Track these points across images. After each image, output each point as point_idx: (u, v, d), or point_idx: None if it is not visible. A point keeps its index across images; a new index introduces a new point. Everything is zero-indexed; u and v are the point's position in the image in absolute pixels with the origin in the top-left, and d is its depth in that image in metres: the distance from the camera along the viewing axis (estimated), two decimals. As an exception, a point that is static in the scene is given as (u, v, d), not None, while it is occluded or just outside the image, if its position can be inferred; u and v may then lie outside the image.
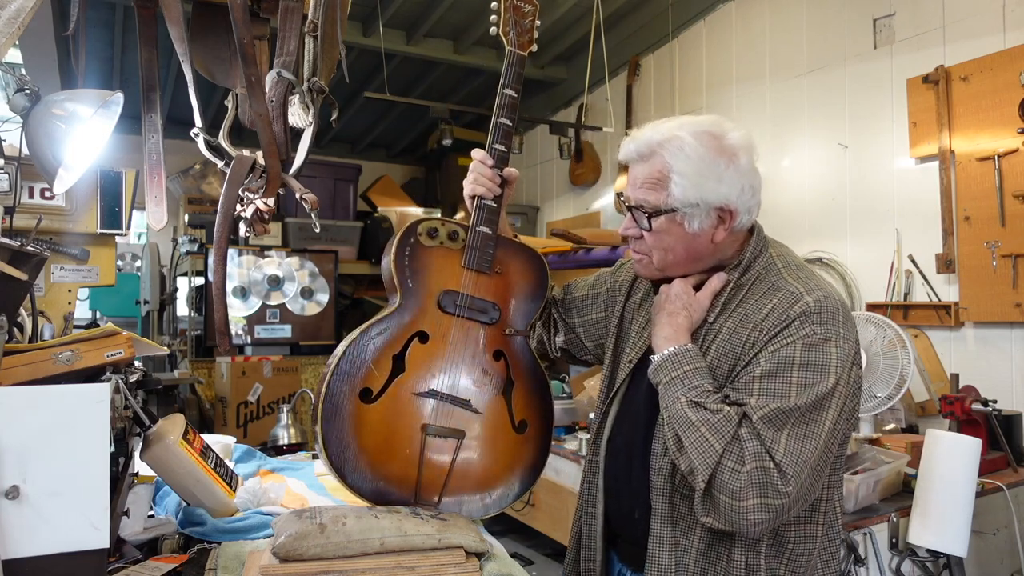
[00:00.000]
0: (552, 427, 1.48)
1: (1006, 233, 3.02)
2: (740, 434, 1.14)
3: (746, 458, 1.12)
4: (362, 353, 1.32)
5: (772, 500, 1.11)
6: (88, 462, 1.01)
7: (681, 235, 1.27)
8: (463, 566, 1.18)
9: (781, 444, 1.13)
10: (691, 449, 1.16)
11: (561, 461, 3.34)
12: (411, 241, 1.39)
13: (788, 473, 1.11)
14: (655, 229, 1.28)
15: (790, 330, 1.18)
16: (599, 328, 1.55)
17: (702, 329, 1.29)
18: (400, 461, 1.32)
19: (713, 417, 1.16)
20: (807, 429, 1.14)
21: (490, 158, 1.42)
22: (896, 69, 3.48)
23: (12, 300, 1.15)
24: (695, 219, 1.25)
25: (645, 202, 1.27)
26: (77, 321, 1.97)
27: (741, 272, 1.29)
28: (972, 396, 2.71)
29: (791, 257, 1.33)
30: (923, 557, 2.18)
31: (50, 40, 3.70)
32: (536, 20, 1.49)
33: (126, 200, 1.89)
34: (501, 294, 1.43)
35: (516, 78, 1.45)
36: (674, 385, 1.22)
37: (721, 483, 1.13)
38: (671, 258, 1.30)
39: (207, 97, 4.55)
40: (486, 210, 1.41)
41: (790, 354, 1.17)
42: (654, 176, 1.26)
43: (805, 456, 1.13)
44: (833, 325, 1.18)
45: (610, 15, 4.77)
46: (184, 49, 1.46)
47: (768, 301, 1.23)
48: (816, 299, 1.19)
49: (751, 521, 1.11)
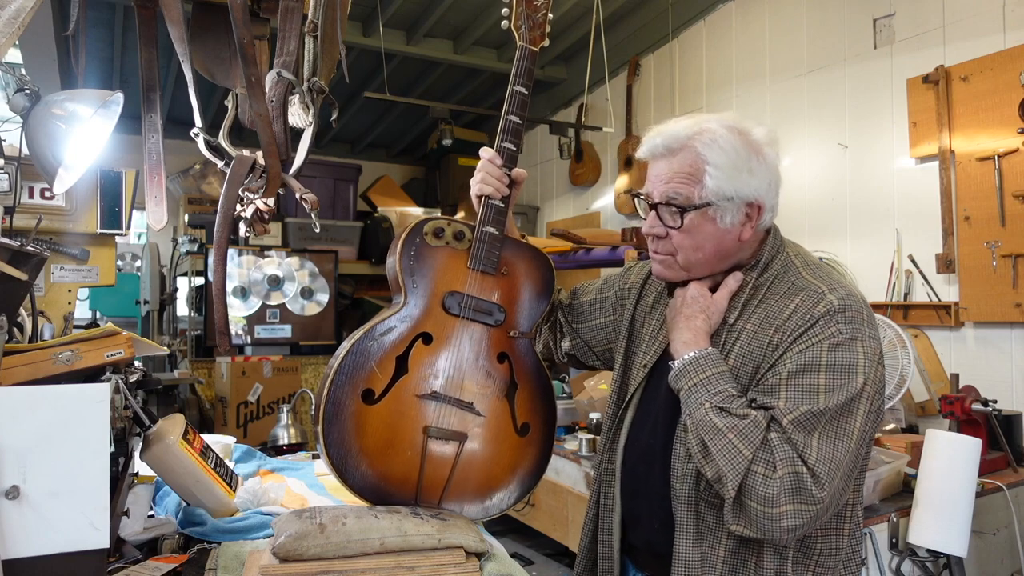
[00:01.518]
0: (555, 430, 1.46)
1: (1006, 233, 3.03)
2: (770, 439, 1.11)
3: (778, 464, 1.09)
4: (365, 354, 1.30)
5: (807, 506, 1.07)
6: (88, 462, 1.01)
7: (712, 231, 1.24)
8: (463, 566, 1.18)
9: (813, 448, 1.09)
10: (719, 456, 1.12)
11: (561, 461, 3.33)
12: (417, 241, 1.37)
13: (822, 477, 1.08)
14: (687, 224, 1.23)
15: (815, 330, 1.15)
16: (607, 332, 1.52)
17: (722, 331, 1.26)
18: (401, 463, 1.31)
19: (740, 422, 1.12)
20: (838, 431, 1.11)
21: (499, 157, 1.38)
22: (896, 69, 3.48)
23: (12, 300, 1.15)
24: (727, 214, 1.22)
25: (677, 196, 1.23)
26: (77, 321, 1.97)
27: (759, 272, 1.27)
28: (972, 396, 2.71)
29: (808, 257, 1.30)
30: (923, 557, 2.18)
31: (50, 40, 3.70)
32: (549, 14, 1.44)
33: (126, 200, 1.89)
34: (506, 296, 1.41)
35: (527, 74, 1.40)
36: (697, 390, 1.18)
37: (752, 490, 1.09)
38: (699, 256, 1.26)
39: (207, 97, 4.55)
40: (493, 210, 1.38)
41: (816, 355, 1.14)
42: (686, 169, 1.22)
43: (838, 459, 1.10)
44: (859, 324, 1.16)
45: (610, 15, 4.77)
46: (184, 49, 1.45)
47: (790, 301, 1.20)
48: (840, 297, 1.17)
49: (784, 528, 1.08)
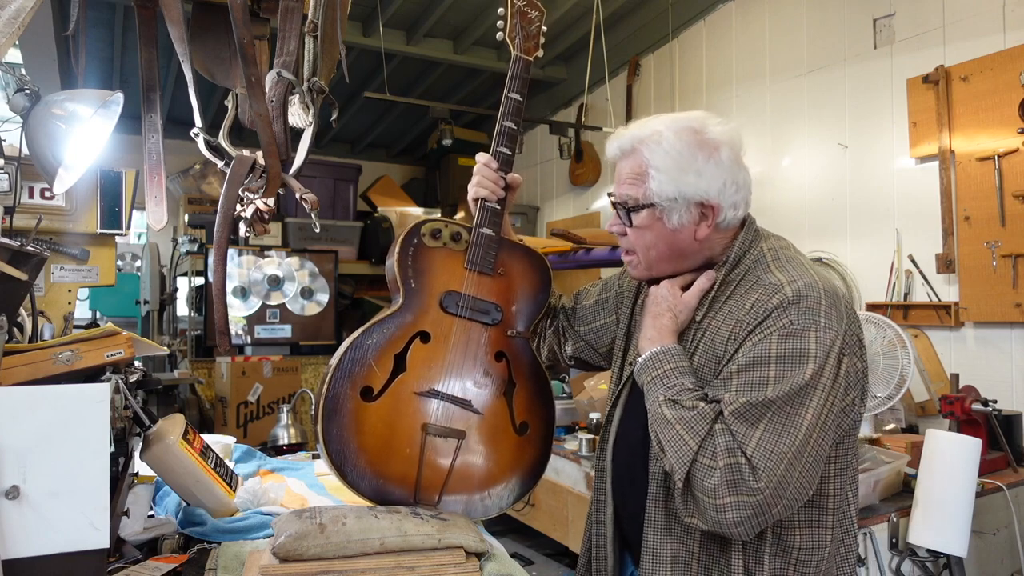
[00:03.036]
0: (553, 429, 1.48)
1: (1006, 233, 3.03)
2: (714, 431, 1.12)
3: (718, 454, 1.09)
4: (364, 352, 1.32)
5: (747, 497, 1.07)
6: (88, 462, 1.01)
7: (661, 231, 1.27)
8: (463, 566, 1.18)
9: (754, 439, 1.09)
10: (668, 448, 1.15)
11: (561, 461, 3.33)
12: (415, 241, 1.40)
13: (759, 468, 1.07)
14: (636, 224, 1.28)
15: (768, 322, 1.15)
16: (610, 333, 1.53)
17: (690, 329, 1.28)
18: (400, 460, 1.32)
19: (688, 414, 1.14)
20: (784, 423, 1.10)
21: (495, 161, 1.44)
22: (896, 69, 3.48)
23: (12, 300, 1.15)
24: (674, 214, 1.25)
25: (627, 197, 1.28)
26: (77, 321, 1.97)
27: (729, 269, 1.27)
28: (972, 396, 2.71)
29: (784, 251, 1.29)
30: (923, 557, 2.18)
31: (50, 40, 3.70)
32: (542, 26, 1.50)
33: (126, 200, 1.89)
34: (503, 295, 1.43)
35: (521, 83, 1.46)
36: (654, 385, 1.21)
37: (697, 481, 1.11)
38: (654, 255, 1.30)
39: (207, 97, 4.55)
40: (490, 212, 1.43)
41: (766, 347, 1.14)
42: (635, 171, 1.27)
43: (780, 450, 1.08)
44: (813, 315, 1.14)
45: (610, 15, 4.77)
46: (184, 49, 1.45)
47: (751, 296, 1.21)
48: (796, 289, 1.16)
49: (731, 520, 1.08)
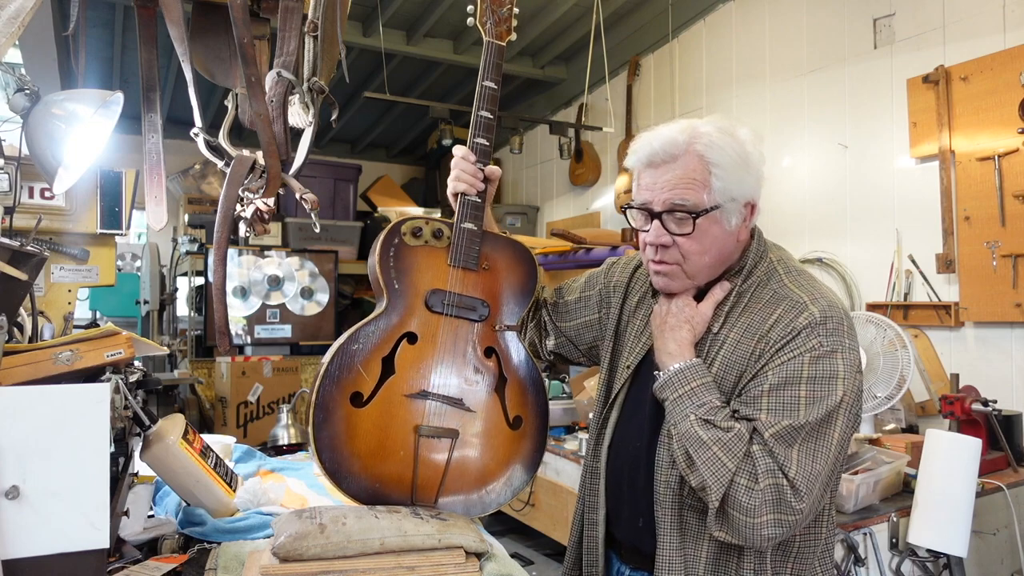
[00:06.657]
0: (548, 422, 1.46)
1: (1006, 233, 3.02)
2: (752, 452, 1.14)
3: (759, 476, 1.12)
4: (350, 357, 1.30)
5: (787, 516, 1.12)
6: (88, 462, 1.01)
7: (719, 234, 1.24)
8: (463, 566, 1.18)
9: (793, 460, 1.13)
10: (703, 468, 1.15)
11: (561, 461, 3.33)
12: (395, 241, 1.36)
13: (801, 489, 1.11)
14: (697, 231, 1.22)
15: (797, 342, 1.17)
16: (592, 330, 1.52)
17: (706, 340, 1.27)
18: (395, 463, 1.31)
19: (725, 435, 1.15)
20: (817, 444, 1.15)
21: (472, 153, 1.39)
22: (896, 69, 3.48)
23: (12, 300, 1.15)
24: (733, 215, 1.23)
25: (685, 203, 1.21)
26: (77, 321, 1.97)
27: (743, 279, 1.27)
28: (972, 396, 2.71)
29: (791, 262, 1.31)
30: (923, 557, 2.18)
31: (50, 40, 3.69)
32: (514, 8, 1.45)
33: (126, 200, 1.89)
34: (489, 290, 1.41)
35: (495, 69, 1.40)
36: (682, 402, 1.20)
37: (735, 501, 1.13)
38: (706, 261, 1.26)
39: (207, 97, 4.55)
40: (470, 206, 1.39)
41: (798, 367, 1.16)
42: (690, 175, 1.21)
43: (817, 471, 1.13)
44: (839, 336, 1.17)
45: (610, 15, 4.77)
46: (184, 49, 1.45)
47: (772, 311, 1.21)
48: (821, 309, 1.18)
49: (765, 536, 1.12)
